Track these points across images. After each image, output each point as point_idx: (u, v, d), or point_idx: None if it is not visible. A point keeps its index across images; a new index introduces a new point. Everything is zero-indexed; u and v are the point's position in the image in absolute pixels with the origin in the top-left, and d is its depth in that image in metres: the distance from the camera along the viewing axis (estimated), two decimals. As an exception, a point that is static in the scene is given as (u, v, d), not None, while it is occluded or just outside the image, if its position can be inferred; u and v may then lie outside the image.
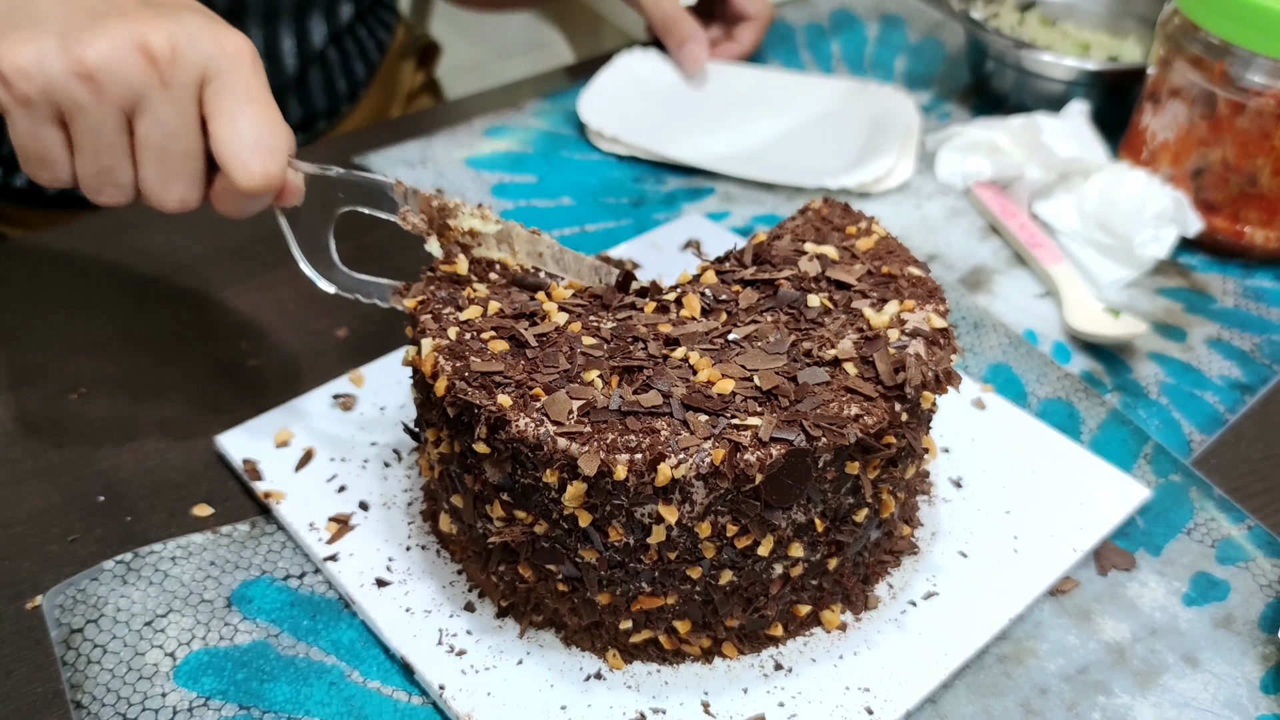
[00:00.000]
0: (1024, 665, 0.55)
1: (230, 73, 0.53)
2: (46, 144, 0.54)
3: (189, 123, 0.54)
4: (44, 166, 0.55)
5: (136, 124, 0.53)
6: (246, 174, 0.53)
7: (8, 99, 0.52)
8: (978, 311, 0.78)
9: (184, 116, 0.53)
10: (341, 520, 0.59)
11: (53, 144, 0.54)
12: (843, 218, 0.62)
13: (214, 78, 0.53)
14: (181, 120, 0.53)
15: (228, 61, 0.53)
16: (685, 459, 0.46)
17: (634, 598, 0.51)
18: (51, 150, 0.54)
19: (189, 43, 0.52)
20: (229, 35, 0.54)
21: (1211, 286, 0.82)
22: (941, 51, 1.11)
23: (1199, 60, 0.80)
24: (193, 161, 0.54)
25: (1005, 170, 0.89)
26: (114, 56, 0.51)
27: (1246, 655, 0.56)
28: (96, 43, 0.51)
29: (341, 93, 1.02)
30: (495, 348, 0.51)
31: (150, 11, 0.53)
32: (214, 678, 0.53)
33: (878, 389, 0.50)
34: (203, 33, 0.53)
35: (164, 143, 0.53)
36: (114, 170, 0.55)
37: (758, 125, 0.97)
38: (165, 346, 0.72)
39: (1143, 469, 0.66)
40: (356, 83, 1.04)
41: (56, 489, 0.62)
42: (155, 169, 0.54)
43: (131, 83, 0.52)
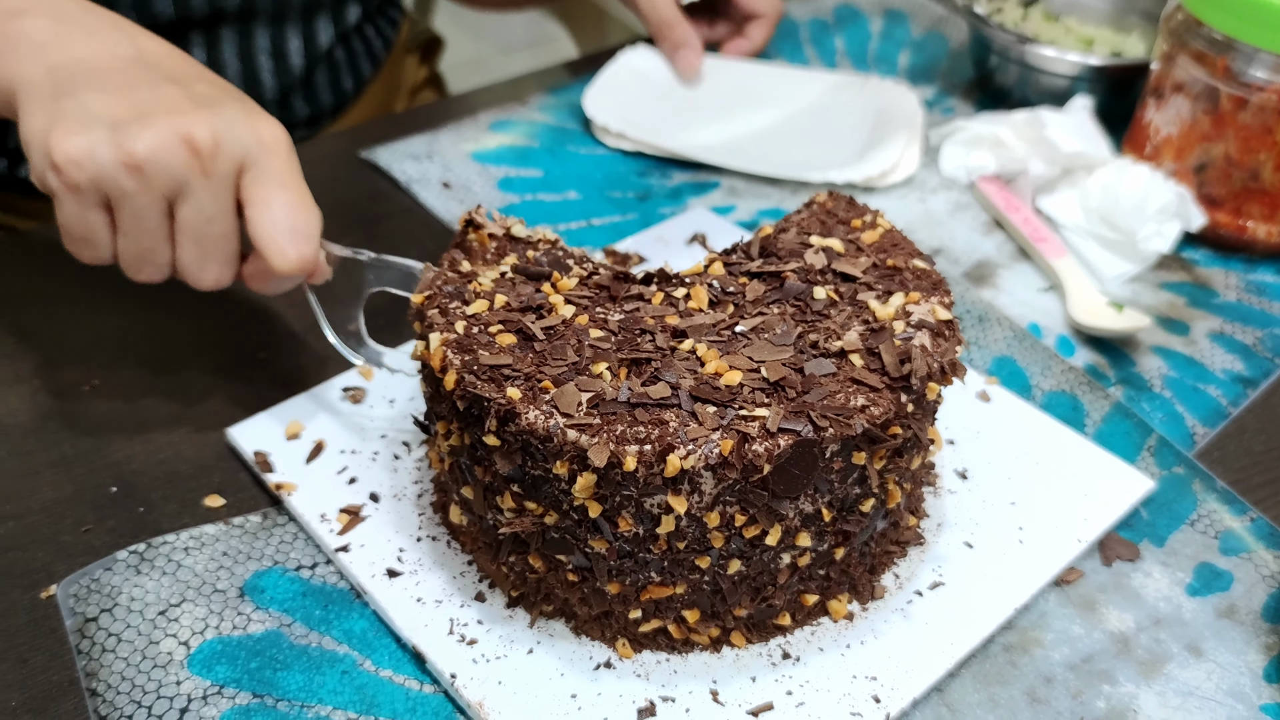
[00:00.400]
0: (1029, 654, 0.56)
1: (266, 161, 0.57)
2: (91, 227, 0.57)
3: (226, 209, 0.57)
4: (87, 246, 0.58)
5: (177, 210, 0.57)
6: (282, 258, 0.57)
7: (58, 185, 0.55)
8: (982, 305, 0.78)
9: (222, 203, 0.57)
10: (352, 511, 0.60)
11: (97, 227, 0.57)
12: (848, 211, 0.62)
13: (251, 166, 0.57)
14: (219, 207, 0.57)
15: (264, 151, 0.57)
16: (694, 450, 0.47)
17: (643, 587, 0.52)
18: (96, 232, 0.58)
19: (229, 134, 0.56)
20: (265, 124, 0.58)
21: (1214, 281, 0.83)
22: (945, 46, 1.11)
23: (1202, 56, 0.80)
24: (228, 244, 0.58)
25: (1009, 165, 0.89)
26: (160, 149, 0.54)
27: (1250, 645, 0.57)
28: (144, 136, 0.54)
29: (348, 91, 1.03)
30: (503, 341, 0.52)
31: (193, 104, 0.56)
32: (228, 666, 0.54)
33: (884, 380, 0.50)
34: (241, 123, 0.57)
35: (202, 228, 0.57)
36: (154, 252, 0.58)
37: (762, 119, 0.97)
38: (177, 339, 0.72)
39: (1146, 461, 0.67)
40: (363, 80, 1.05)
41: (69, 480, 0.63)
42: (193, 251, 0.58)
43: (175, 173, 0.55)
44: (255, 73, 0.94)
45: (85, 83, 0.56)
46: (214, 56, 0.92)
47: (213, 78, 0.60)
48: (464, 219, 0.60)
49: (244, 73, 0.94)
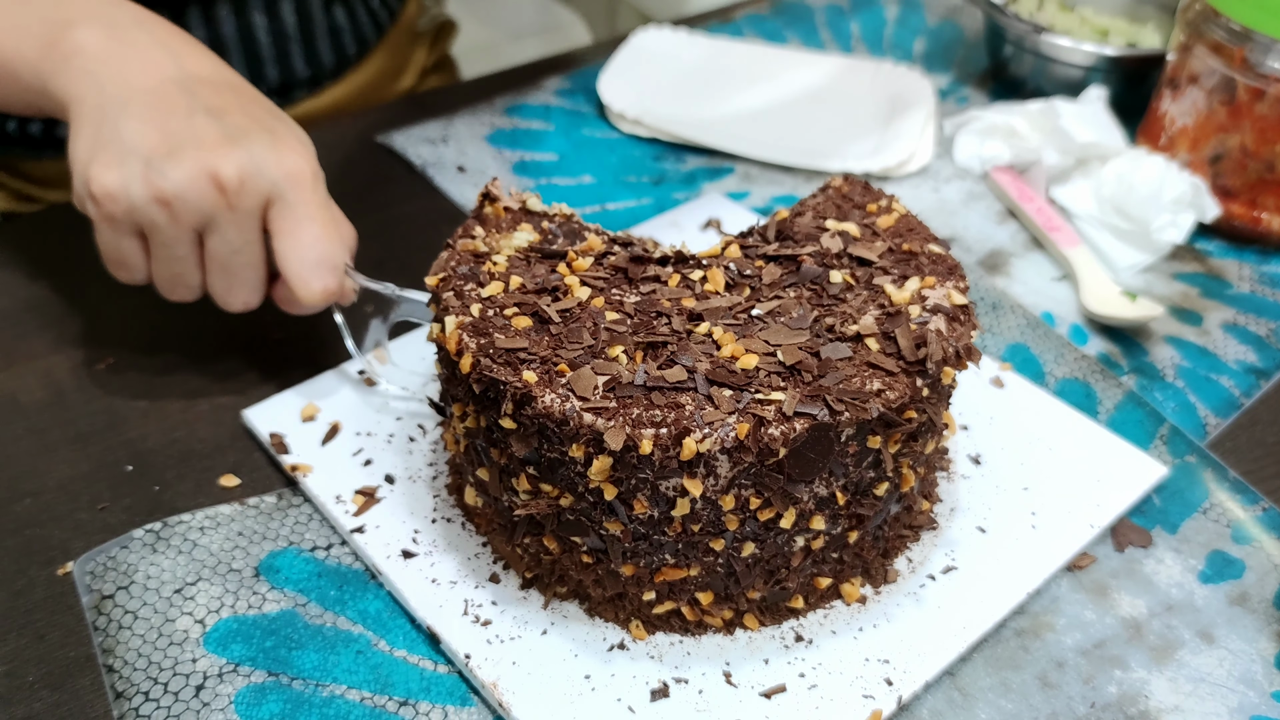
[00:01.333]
0: (1041, 639, 0.56)
1: (292, 194, 0.60)
2: (126, 253, 0.61)
3: (252, 241, 0.61)
4: (123, 269, 0.63)
5: (206, 241, 0.61)
6: (306, 290, 0.61)
7: (95, 215, 0.60)
8: (996, 293, 0.78)
9: (248, 236, 0.60)
10: (368, 493, 0.60)
11: (132, 253, 0.61)
12: (863, 196, 0.62)
13: (277, 200, 0.60)
14: (245, 239, 0.60)
15: (290, 184, 0.60)
16: (710, 433, 0.47)
17: (657, 569, 0.52)
18: (130, 258, 0.62)
19: (255, 170, 0.59)
20: (291, 156, 0.60)
21: (1228, 272, 0.83)
22: (960, 35, 1.11)
23: (1219, 46, 0.80)
24: (255, 272, 0.62)
25: (1023, 155, 0.89)
26: (188, 187, 0.58)
27: (1261, 632, 0.57)
28: (174, 174, 0.58)
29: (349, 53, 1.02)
30: (519, 324, 0.52)
31: (223, 139, 0.59)
32: (243, 645, 0.54)
33: (899, 364, 0.50)
34: (268, 157, 0.59)
35: (230, 258, 0.61)
36: (185, 276, 0.62)
37: (777, 103, 0.97)
38: (191, 319, 0.72)
39: (1159, 450, 0.67)
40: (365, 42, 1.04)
41: (85, 458, 0.63)
42: (221, 278, 0.62)
43: (203, 208, 0.59)
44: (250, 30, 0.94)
45: (126, 109, 0.59)
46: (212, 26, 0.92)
47: (250, 102, 0.63)
48: (481, 192, 0.61)
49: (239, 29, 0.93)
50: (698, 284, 0.55)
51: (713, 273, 0.55)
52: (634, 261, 0.57)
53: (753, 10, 1.12)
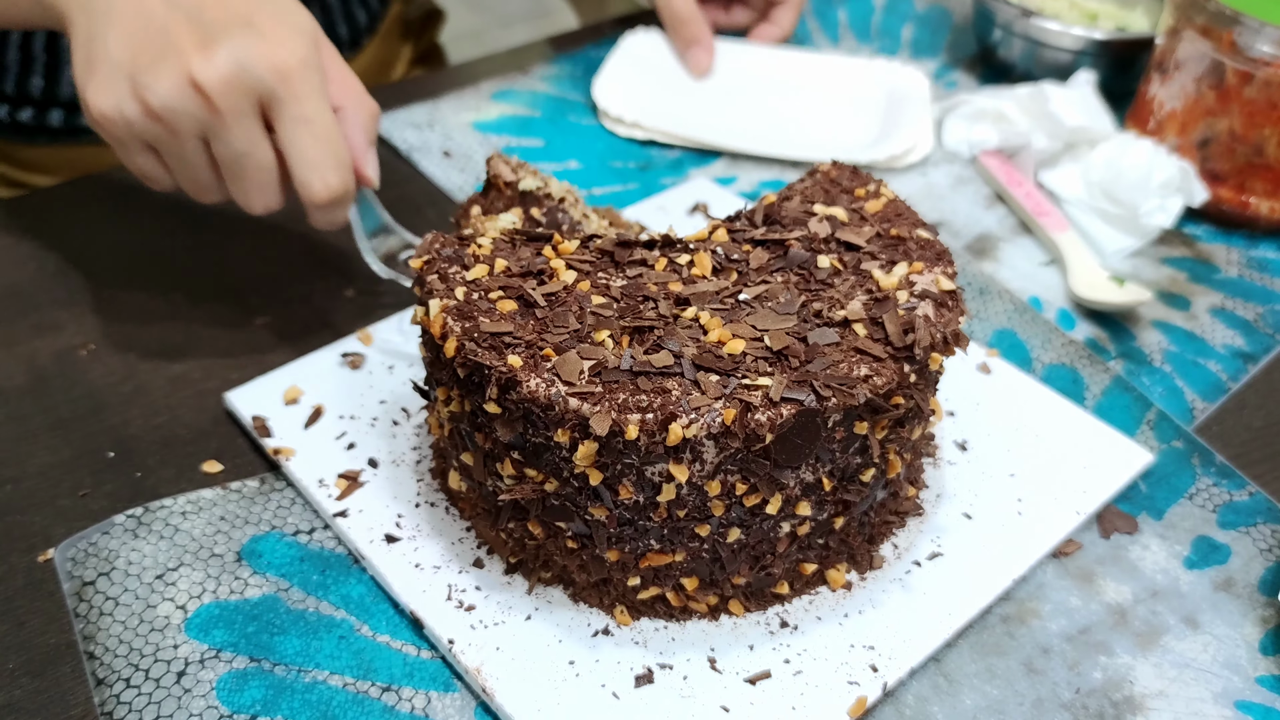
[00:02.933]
0: (1027, 625, 0.56)
1: (283, 94, 0.57)
2: (145, 167, 0.61)
3: (255, 142, 0.59)
4: (150, 181, 0.62)
5: (211, 146, 0.59)
6: (311, 192, 0.59)
7: (105, 137, 0.60)
8: (983, 278, 0.78)
9: (247, 139, 0.58)
10: (351, 477, 0.60)
11: (150, 165, 0.61)
12: (851, 180, 0.62)
13: (270, 100, 0.58)
14: (246, 142, 0.58)
15: (279, 82, 0.57)
16: (696, 419, 0.47)
17: (643, 555, 0.52)
18: (150, 170, 0.61)
19: (237, 71, 0.56)
20: (278, 49, 0.57)
21: (1216, 256, 0.83)
22: (949, 20, 1.10)
23: (1208, 30, 0.80)
24: (267, 174, 0.60)
25: (1012, 139, 0.89)
26: (172, 98, 0.56)
27: (1246, 618, 0.57)
28: (156, 86, 0.56)
29: (343, 38, 1.01)
30: (504, 308, 0.51)
31: (200, 39, 0.57)
32: (225, 630, 0.54)
33: (887, 350, 0.50)
34: (251, 54, 0.56)
35: (236, 161, 0.59)
36: (204, 182, 0.61)
37: (772, 104, 0.96)
38: (174, 304, 0.72)
39: (1146, 435, 0.66)
40: (359, 29, 1.03)
41: (67, 444, 0.63)
42: (235, 182, 0.60)
43: (195, 117, 0.57)
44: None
45: (109, 19, 0.57)
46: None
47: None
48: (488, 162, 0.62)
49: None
50: (685, 268, 0.55)
51: (700, 257, 0.55)
52: (620, 245, 0.56)
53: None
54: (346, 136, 0.63)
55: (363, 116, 0.63)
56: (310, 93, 0.58)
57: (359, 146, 0.64)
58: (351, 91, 0.63)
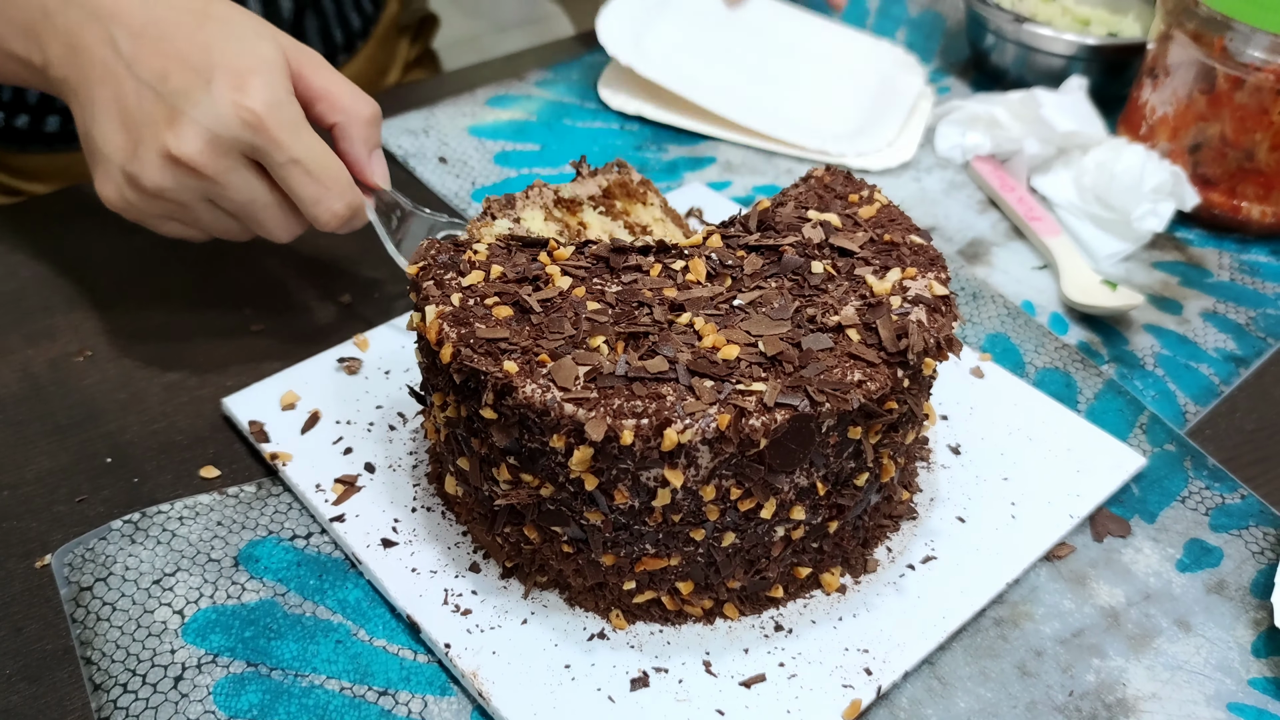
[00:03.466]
0: (1020, 628, 0.56)
1: (261, 143, 0.59)
2: (175, 232, 0.64)
3: (252, 189, 0.61)
4: (188, 239, 0.65)
5: (219, 203, 0.61)
6: (321, 224, 0.62)
7: (127, 219, 0.63)
8: (976, 283, 0.78)
9: (245, 191, 0.60)
10: (348, 481, 0.60)
11: (178, 230, 0.64)
12: (845, 186, 0.62)
13: (253, 151, 0.59)
14: (245, 193, 0.61)
15: (253, 134, 0.58)
16: (691, 424, 0.47)
17: (638, 559, 0.52)
18: (182, 232, 0.64)
19: (210, 139, 0.58)
20: (244, 100, 0.58)
21: (1207, 260, 0.83)
22: (942, 25, 1.11)
23: (1199, 35, 0.80)
24: (274, 210, 0.62)
25: (1004, 144, 0.90)
26: (161, 178, 0.59)
27: (1238, 620, 0.57)
28: (144, 173, 0.59)
29: (338, 42, 1.02)
30: (499, 313, 0.52)
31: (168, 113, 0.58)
32: (222, 635, 0.54)
33: (880, 355, 0.50)
34: (220, 115, 0.58)
35: (244, 210, 0.62)
36: (232, 230, 0.64)
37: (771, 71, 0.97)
38: (171, 310, 0.72)
39: (1138, 439, 0.67)
40: (353, 33, 1.04)
41: (64, 450, 0.63)
42: (253, 225, 0.63)
43: (189, 187, 0.60)
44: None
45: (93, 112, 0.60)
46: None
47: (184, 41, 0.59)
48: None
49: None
50: (679, 274, 0.55)
51: (694, 263, 0.55)
52: (615, 251, 0.57)
53: None
54: (345, 152, 0.64)
55: (359, 126, 0.64)
56: (287, 132, 0.59)
57: (359, 159, 0.65)
58: (343, 102, 0.64)
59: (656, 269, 0.55)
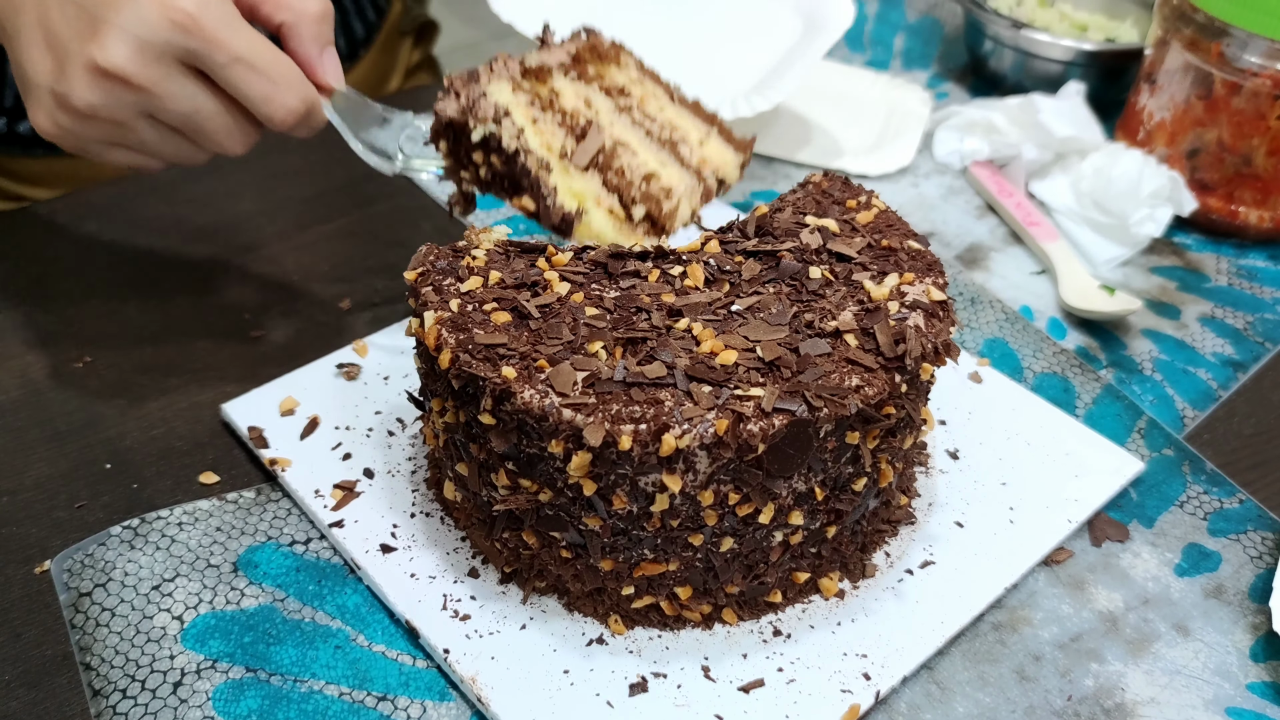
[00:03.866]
0: (1019, 633, 0.56)
1: (196, 45, 0.55)
2: (121, 159, 0.60)
3: (194, 98, 0.57)
4: (138, 169, 0.61)
5: (158, 118, 0.57)
6: (274, 123, 0.58)
7: (66, 149, 0.59)
8: (974, 288, 0.78)
9: (185, 100, 0.56)
10: (347, 487, 0.60)
11: (124, 156, 0.60)
12: (843, 191, 0.62)
13: (189, 56, 0.55)
14: (186, 103, 0.56)
15: (185, 36, 0.54)
16: (689, 429, 0.47)
17: (636, 564, 0.52)
18: (128, 159, 0.60)
19: (139, 45, 0.54)
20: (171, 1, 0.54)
21: (1205, 265, 0.83)
22: (940, 31, 1.11)
23: (1196, 41, 0.80)
24: (222, 119, 0.58)
25: (1002, 150, 0.90)
26: (90, 94, 0.55)
27: (1237, 624, 0.57)
28: (72, 91, 0.55)
29: (342, 50, 1.02)
30: (498, 319, 0.52)
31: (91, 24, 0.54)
32: (221, 640, 0.54)
33: (878, 360, 0.50)
34: (146, 20, 0.53)
35: (188, 122, 0.57)
36: (182, 150, 0.60)
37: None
38: (170, 316, 0.72)
39: (1136, 443, 0.67)
40: (356, 41, 1.04)
41: (63, 456, 0.63)
42: (201, 139, 0.59)
43: (123, 101, 0.55)
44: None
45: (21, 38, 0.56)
46: None
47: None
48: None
49: None
50: (677, 279, 0.55)
51: (692, 268, 0.56)
52: (614, 257, 0.57)
53: (734, 5, 1.12)
54: (295, 51, 0.60)
55: (308, 23, 0.60)
56: (224, 30, 0.55)
57: (309, 57, 0.61)
58: (301, 7, 0.60)
59: (655, 274, 0.56)
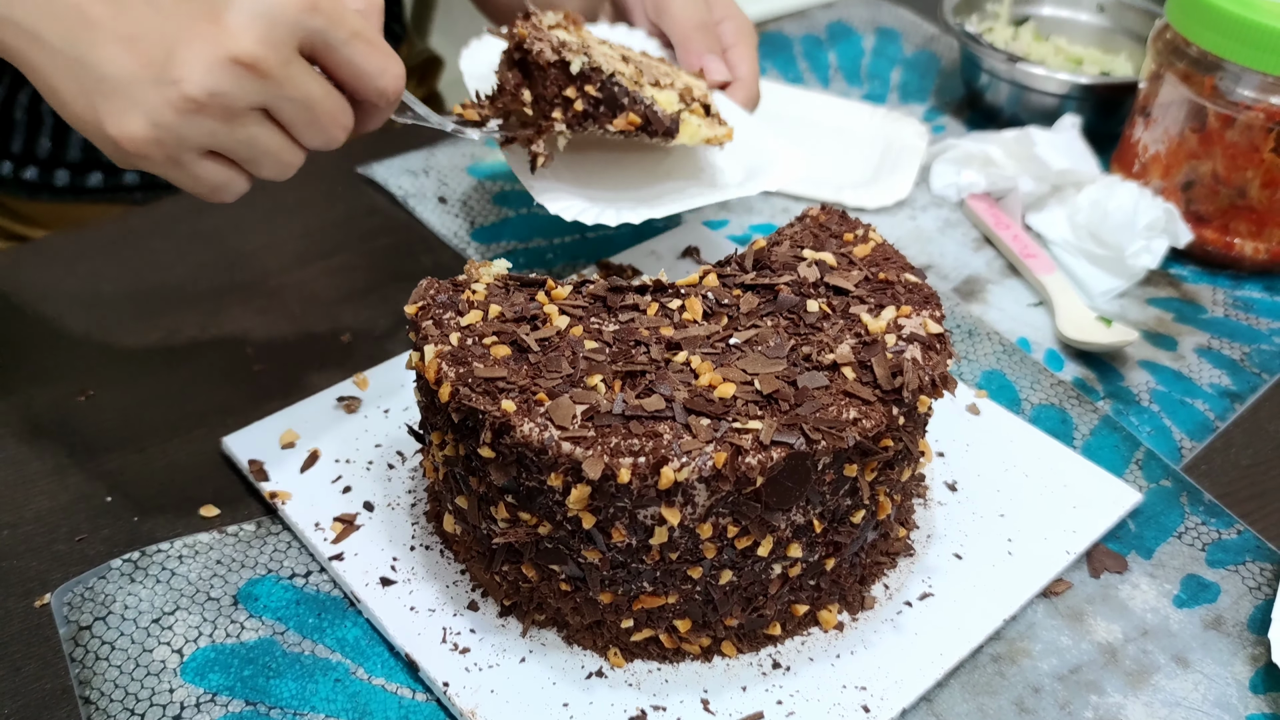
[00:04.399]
0: (1018, 665, 0.56)
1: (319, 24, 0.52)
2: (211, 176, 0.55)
3: (315, 83, 0.54)
4: (220, 192, 0.56)
5: (276, 114, 0.54)
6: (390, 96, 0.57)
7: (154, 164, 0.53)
8: (972, 319, 0.79)
9: (309, 86, 0.54)
10: (347, 520, 0.60)
11: (214, 172, 0.55)
12: (840, 225, 0.63)
13: (314, 35, 0.53)
14: (308, 88, 0.54)
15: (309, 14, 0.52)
16: (688, 462, 0.47)
17: (635, 597, 0.52)
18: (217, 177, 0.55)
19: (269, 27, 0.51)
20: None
21: (1201, 296, 0.84)
22: (936, 65, 1.12)
23: (1189, 75, 0.81)
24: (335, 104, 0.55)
25: (999, 182, 0.90)
26: (214, 79, 0.50)
27: (1236, 656, 0.57)
28: (192, 76, 0.50)
29: None
30: (497, 353, 0.52)
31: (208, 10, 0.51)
32: (221, 674, 0.54)
33: (876, 393, 0.51)
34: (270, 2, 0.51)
35: (307, 111, 0.54)
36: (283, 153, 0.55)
37: None
38: (171, 350, 0.73)
39: (1134, 474, 0.67)
40: None
41: (64, 489, 0.63)
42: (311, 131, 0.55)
43: (246, 90, 0.51)
44: None
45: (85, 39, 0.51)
46: None
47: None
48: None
49: None
50: (676, 313, 0.56)
51: (691, 302, 0.56)
52: (613, 290, 0.57)
53: (732, 40, 1.13)
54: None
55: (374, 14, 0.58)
56: (339, 8, 0.53)
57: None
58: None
59: (653, 308, 0.56)
